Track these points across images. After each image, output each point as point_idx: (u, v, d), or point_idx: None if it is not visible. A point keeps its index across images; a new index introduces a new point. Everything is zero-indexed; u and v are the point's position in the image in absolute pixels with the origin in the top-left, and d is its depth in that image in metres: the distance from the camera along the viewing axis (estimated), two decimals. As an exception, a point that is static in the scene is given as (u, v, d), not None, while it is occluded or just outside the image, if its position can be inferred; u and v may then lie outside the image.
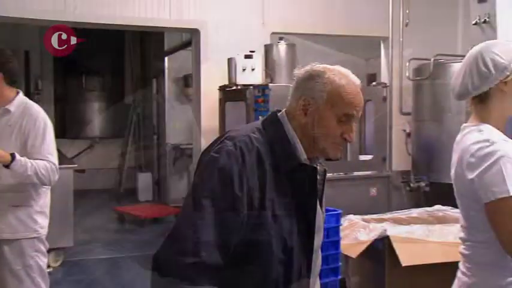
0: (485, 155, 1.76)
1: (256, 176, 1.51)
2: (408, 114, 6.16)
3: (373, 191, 5.32)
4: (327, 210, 2.28)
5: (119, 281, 5.59)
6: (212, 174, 1.52)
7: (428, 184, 5.49)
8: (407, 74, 5.95)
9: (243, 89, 5.46)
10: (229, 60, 5.64)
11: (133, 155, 10.92)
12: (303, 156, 1.61)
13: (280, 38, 5.84)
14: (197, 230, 1.47)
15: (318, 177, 1.67)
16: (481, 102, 1.88)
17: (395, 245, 2.85)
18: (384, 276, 3.02)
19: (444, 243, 2.74)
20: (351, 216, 3.31)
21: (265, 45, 5.84)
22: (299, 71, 1.66)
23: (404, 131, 6.33)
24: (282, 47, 5.72)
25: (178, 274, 1.45)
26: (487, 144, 1.77)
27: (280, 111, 1.68)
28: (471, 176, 1.78)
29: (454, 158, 1.90)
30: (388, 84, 5.94)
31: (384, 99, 5.64)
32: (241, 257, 1.53)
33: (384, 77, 6.51)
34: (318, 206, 1.68)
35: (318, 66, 1.64)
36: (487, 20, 3.06)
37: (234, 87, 5.65)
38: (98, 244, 6.97)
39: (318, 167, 1.68)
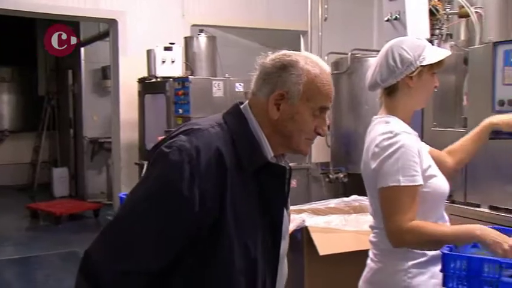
0: (387, 145, 1.83)
1: (214, 177, 1.33)
2: (327, 107, 6.30)
3: (293, 182, 5.38)
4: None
5: (30, 281, 5.33)
6: (159, 171, 1.34)
7: (347, 175, 5.66)
8: (325, 68, 6.08)
9: (163, 81, 5.38)
10: (149, 52, 5.52)
11: (47, 149, 10.45)
12: (270, 154, 1.45)
13: (201, 31, 5.79)
14: (132, 233, 1.31)
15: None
16: (389, 95, 1.96)
17: (313, 235, 2.90)
18: (303, 266, 3.08)
19: (359, 232, 2.83)
20: (271, 208, 3.32)
21: (185, 38, 5.77)
22: (266, 60, 1.46)
23: (323, 123, 6.48)
24: (202, 40, 5.67)
25: (106, 281, 1.30)
26: (390, 135, 1.84)
27: (242, 103, 1.49)
28: (373, 165, 1.85)
29: (364, 148, 1.97)
30: (307, 78, 6.06)
31: (304, 92, 5.74)
32: (199, 269, 1.36)
33: (303, 71, 6.63)
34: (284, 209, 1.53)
35: (289, 55, 1.46)
36: (398, 17, 3.19)
37: (154, 80, 5.56)
38: (7, 244, 6.60)
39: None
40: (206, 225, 1.34)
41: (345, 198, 3.49)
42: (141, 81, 5.75)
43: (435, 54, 1.90)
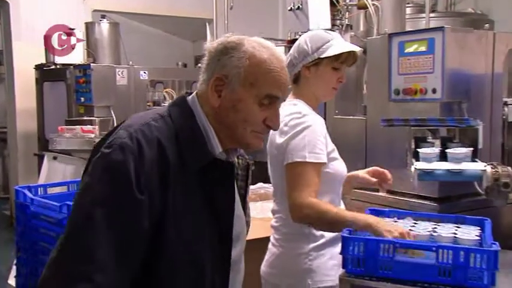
0: (295, 124, 1.89)
1: (157, 176, 1.21)
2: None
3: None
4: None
5: None
6: (103, 175, 1.20)
7: (254, 163, 5.73)
8: (231, 57, 6.09)
9: (63, 68, 5.15)
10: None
11: None
12: (218, 149, 1.32)
13: (103, 16, 5.58)
14: (88, 247, 1.15)
15: (240, 172, 1.44)
16: (294, 83, 2.02)
17: (220, 224, 2.91)
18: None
19: (264, 219, 2.86)
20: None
21: (86, 23, 5.53)
22: (211, 45, 1.34)
23: (231, 112, 6.51)
24: (104, 26, 5.47)
25: None
26: (299, 115, 1.90)
27: (191, 93, 1.38)
28: (280, 141, 1.91)
29: None
30: (213, 66, 6.05)
31: (210, 80, 5.74)
32: (143, 274, 1.23)
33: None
34: (239, 209, 1.42)
35: (234, 38, 1.33)
36: (300, 6, 3.26)
37: (53, 67, 5.29)
38: None
39: (240, 161, 1.44)
40: (152, 230, 1.22)
41: (252, 186, 3.53)
42: (39, 68, 5.45)
43: (336, 49, 1.93)
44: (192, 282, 1.29)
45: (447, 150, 2.19)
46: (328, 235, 1.93)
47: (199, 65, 4.94)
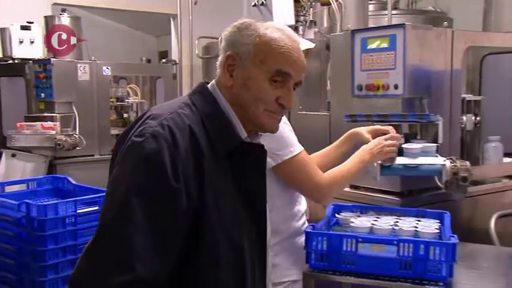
0: None
1: (192, 161, 1.20)
2: (199, 91, 6.29)
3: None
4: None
5: None
6: (136, 164, 1.18)
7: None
8: (196, 52, 6.05)
9: (21, 63, 5.01)
10: (3, 31, 5.09)
11: None
12: (243, 133, 1.32)
13: (63, 10, 5.44)
14: (126, 237, 1.13)
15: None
16: None
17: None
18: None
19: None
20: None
21: (46, 17, 5.39)
22: (226, 30, 1.37)
23: (195, 108, 6.47)
24: (65, 20, 5.33)
25: None
26: None
27: (209, 82, 1.38)
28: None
29: None
30: (177, 62, 5.99)
31: (174, 76, 5.69)
32: (180, 264, 1.22)
33: (174, 55, 6.55)
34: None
35: (247, 20, 1.36)
36: (264, 2, 3.26)
37: (11, 61, 5.14)
38: None
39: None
40: (191, 216, 1.20)
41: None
42: (-4, 62, 5.29)
43: None
44: (234, 268, 1.28)
45: (403, 146, 2.23)
46: (289, 230, 1.95)
47: (163, 60, 4.93)
